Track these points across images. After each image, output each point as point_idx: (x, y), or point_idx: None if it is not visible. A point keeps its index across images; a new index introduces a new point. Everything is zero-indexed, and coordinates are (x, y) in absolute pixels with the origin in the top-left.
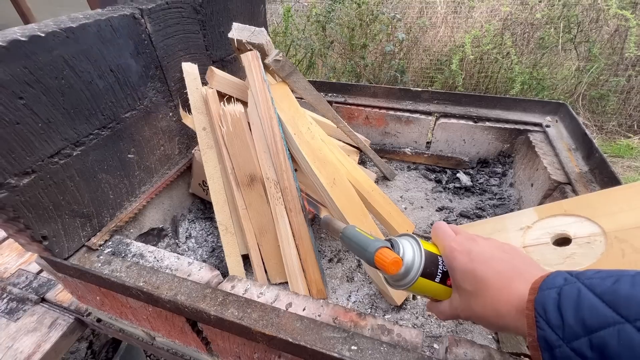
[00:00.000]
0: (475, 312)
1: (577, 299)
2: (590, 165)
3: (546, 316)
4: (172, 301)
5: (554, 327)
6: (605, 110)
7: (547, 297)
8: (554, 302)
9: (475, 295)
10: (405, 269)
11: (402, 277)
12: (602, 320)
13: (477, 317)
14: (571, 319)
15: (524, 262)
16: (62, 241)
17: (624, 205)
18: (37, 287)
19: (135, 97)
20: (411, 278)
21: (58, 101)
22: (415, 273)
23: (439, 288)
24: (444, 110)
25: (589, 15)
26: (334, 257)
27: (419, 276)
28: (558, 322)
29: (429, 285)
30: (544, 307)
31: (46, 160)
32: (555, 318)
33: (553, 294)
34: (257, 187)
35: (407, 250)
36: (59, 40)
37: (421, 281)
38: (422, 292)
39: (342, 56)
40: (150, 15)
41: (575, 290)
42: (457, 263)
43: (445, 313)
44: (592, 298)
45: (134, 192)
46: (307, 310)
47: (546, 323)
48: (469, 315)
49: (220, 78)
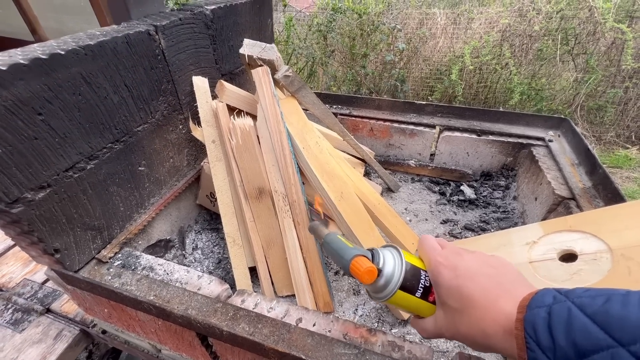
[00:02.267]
0: (460, 331)
1: (567, 319)
2: (594, 181)
3: (536, 337)
4: (184, 316)
5: (544, 349)
6: (603, 121)
7: (537, 317)
8: (544, 321)
9: (461, 313)
10: (385, 280)
11: (381, 288)
12: (595, 343)
13: (462, 336)
14: (562, 341)
15: (511, 278)
16: (73, 254)
17: (630, 223)
18: (42, 298)
19: (147, 110)
20: (390, 290)
21: (75, 116)
22: (394, 285)
23: (420, 303)
24: (447, 123)
25: (586, 28)
26: (341, 270)
27: (397, 289)
28: (549, 344)
29: (409, 299)
30: (534, 327)
31: (61, 175)
32: (545, 339)
33: (543, 313)
34: (266, 200)
35: (388, 261)
36: (78, 57)
37: (400, 294)
38: (402, 306)
39: (343, 65)
40: (164, 32)
41: (565, 310)
42: (442, 278)
43: (428, 331)
44: (584, 319)
45: (144, 204)
46: (317, 325)
47: (536, 344)
48: (454, 334)
49: (230, 92)
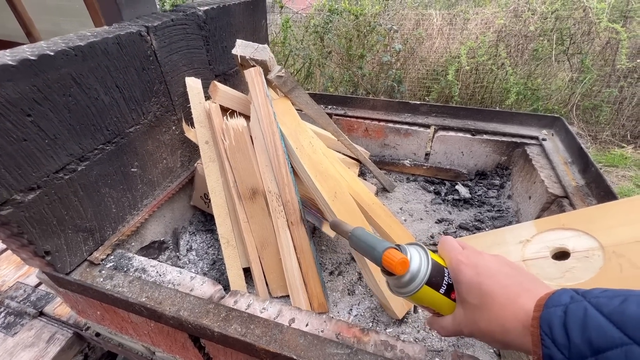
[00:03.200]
0: (479, 327)
1: (583, 318)
2: (587, 179)
3: (552, 334)
4: (175, 317)
5: (559, 346)
6: (598, 121)
7: (553, 315)
8: (560, 320)
9: (481, 310)
10: (411, 275)
11: (407, 283)
12: (610, 340)
13: (481, 332)
14: (577, 339)
15: (530, 279)
16: (64, 256)
17: (621, 220)
18: (35, 301)
19: (139, 112)
20: (417, 285)
21: (65, 117)
22: (421, 280)
23: (443, 300)
24: (442, 123)
25: (581, 28)
26: (335, 270)
27: (424, 284)
28: (564, 341)
29: (433, 295)
30: (550, 325)
31: (51, 176)
32: (561, 337)
33: (559, 312)
34: (259, 200)
35: (415, 256)
36: (68, 58)
37: (426, 290)
38: (425, 302)
39: (340, 66)
40: (156, 33)
41: (581, 309)
42: (463, 276)
43: (447, 329)
44: (599, 318)
45: (137, 205)
46: (310, 325)
47: (552, 341)
48: (473, 330)
49: (223, 93)
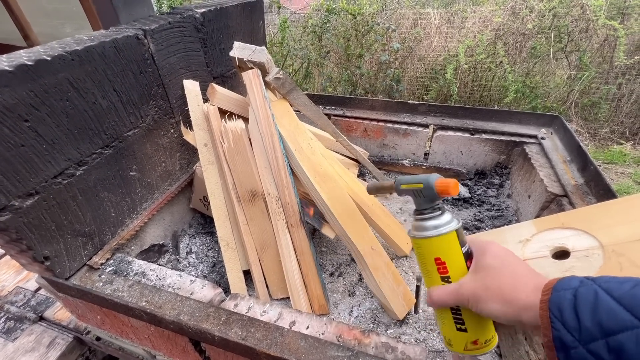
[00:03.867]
0: (488, 283)
1: (594, 302)
2: (586, 178)
3: (562, 317)
4: (175, 322)
5: (570, 328)
6: (597, 118)
7: (563, 298)
8: (570, 303)
9: (498, 269)
10: (449, 217)
11: (443, 223)
12: (621, 323)
13: (486, 288)
14: (588, 321)
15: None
16: (63, 261)
17: (621, 219)
18: (35, 305)
19: (137, 115)
20: (453, 226)
21: (62, 122)
22: (456, 224)
23: (459, 257)
24: (440, 122)
25: (579, 25)
26: (335, 271)
27: (453, 230)
28: (574, 324)
29: (456, 247)
30: (560, 308)
31: (50, 181)
32: (571, 319)
33: (568, 295)
34: (259, 202)
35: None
36: (65, 63)
37: (454, 237)
38: (443, 251)
39: (338, 66)
40: (153, 36)
41: (591, 293)
42: (494, 247)
43: (447, 290)
44: (610, 301)
45: (136, 209)
46: (310, 328)
47: (562, 324)
48: (476, 288)
49: (221, 95)
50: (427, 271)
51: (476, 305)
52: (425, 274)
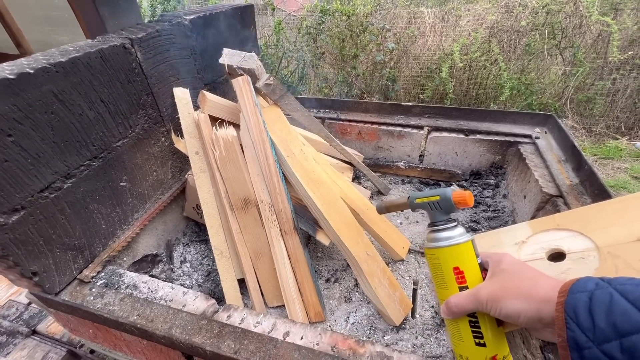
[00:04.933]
0: (506, 284)
1: (609, 304)
2: (581, 177)
3: (577, 318)
4: (166, 337)
5: (584, 329)
6: (593, 113)
7: (578, 300)
8: (585, 305)
9: (515, 273)
10: (463, 229)
11: (459, 234)
12: (634, 325)
13: (505, 288)
14: (602, 323)
15: None
16: (53, 276)
17: (616, 220)
18: (28, 319)
19: (126, 125)
20: (467, 237)
21: (48, 135)
22: (469, 237)
23: (475, 266)
24: (435, 124)
25: (572, 21)
26: (331, 277)
27: (470, 240)
28: (589, 325)
29: (472, 257)
30: (575, 310)
31: (36, 196)
32: (586, 320)
33: (584, 297)
34: (252, 210)
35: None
36: (49, 75)
37: (470, 247)
38: (461, 260)
39: (334, 66)
40: (141, 44)
41: (607, 295)
42: (508, 257)
43: (465, 295)
44: (625, 304)
45: (127, 219)
46: (305, 339)
47: (576, 325)
48: (496, 288)
49: (211, 102)
50: (444, 282)
51: (496, 306)
52: (442, 285)
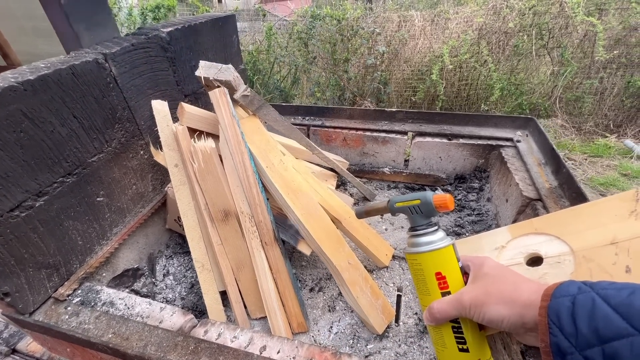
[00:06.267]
0: (488, 289)
1: (591, 309)
2: (560, 180)
3: (560, 323)
4: (139, 356)
5: (567, 334)
6: (582, 112)
7: (561, 305)
8: (568, 310)
9: (497, 277)
10: (444, 233)
11: (439, 238)
12: (616, 331)
13: (487, 293)
14: (585, 328)
15: None
16: (26, 295)
17: (590, 223)
18: (7, 338)
19: (102, 140)
20: (448, 241)
21: (17, 154)
22: (451, 239)
23: (457, 270)
24: (418, 129)
25: (558, 22)
26: (315, 286)
27: (452, 244)
28: (571, 330)
29: (454, 261)
30: (558, 315)
31: (5, 215)
32: (568, 326)
33: (567, 302)
34: (232, 222)
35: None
36: (17, 94)
37: (451, 251)
38: (442, 265)
39: (326, 70)
40: (115, 59)
41: (589, 300)
42: (490, 260)
43: (448, 300)
44: (607, 309)
45: (105, 234)
46: (281, 353)
47: (559, 330)
48: (478, 293)
49: (189, 115)
50: (427, 288)
51: (479, 311)
52: (424, 291)
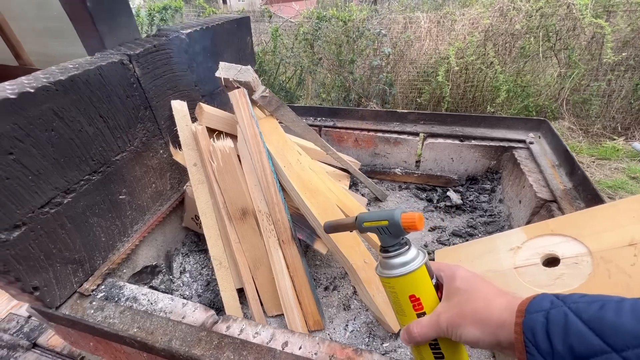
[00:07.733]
0: (463, 309)
1: (564, 324)
2: (574, 182)
3: (535, 341)
4: (166, 349)
5: (543, 353)
6: (589, 114)
7: (535, 321)
8: (542, 326)
9: (469, 292)
10: (415, 253)
11: (410, 260)
12: (590, 348)
13: (462, 314)
14: (560, 346)
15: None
16: (53, 290)
17: (608, 225)
18: (28, 332)
19: (125, 139)
20: (419, 261)
21: (48, 152)
22: (423, 259)
23: (431, 289)
24: (430, 130)
25: (566, 24)
26: (330, 285)
27: (423, 263)
28: (547, 348)
29: (426, 280)
30: (533, 332)
31: (37, 212)
32: (544, 343)
33: (541, 317)
34: (250, 220)
35: (413, 245)
36: (49, 93)
37: (423, 272)
38: (414, 287)
39: (331, 72)
40: (139, 60)
41: (562, 315)
42: (461, 271)
43: (422, 323)
44: (579, 324)
45: (127, 232)
46: (303, 349)
47: (535, 348)
48: (453, 315)
49: (208, 114)
50: (402, 310)
51: (455, 332)
52: (399, 312)
